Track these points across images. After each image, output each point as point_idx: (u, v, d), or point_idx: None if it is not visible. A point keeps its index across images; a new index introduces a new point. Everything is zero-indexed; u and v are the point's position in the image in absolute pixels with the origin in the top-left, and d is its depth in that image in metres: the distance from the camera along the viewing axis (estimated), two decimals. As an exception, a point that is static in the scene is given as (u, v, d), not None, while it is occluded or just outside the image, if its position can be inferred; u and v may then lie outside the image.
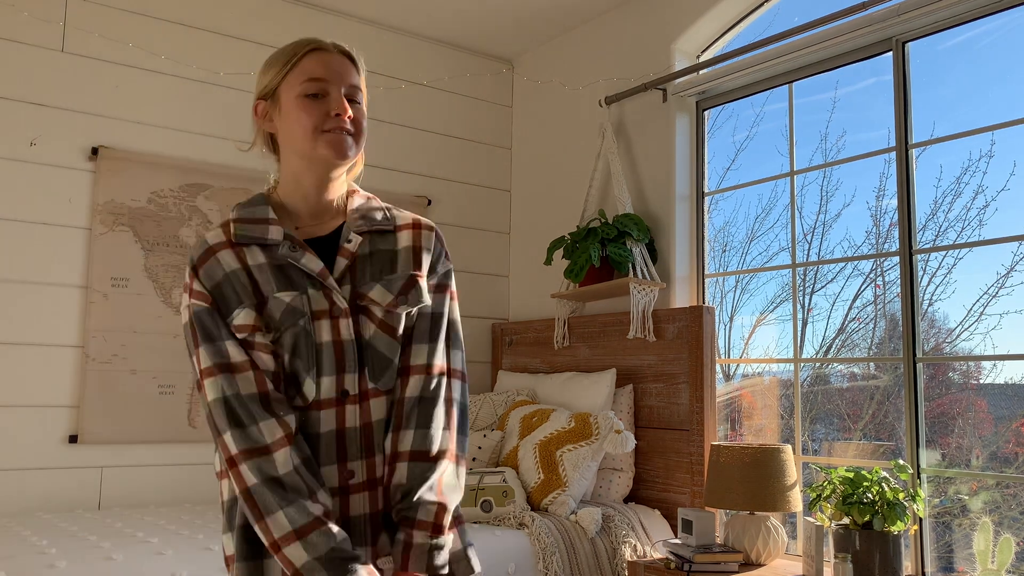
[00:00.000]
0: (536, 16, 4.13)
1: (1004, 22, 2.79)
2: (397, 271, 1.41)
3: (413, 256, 1.44)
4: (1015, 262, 2.70)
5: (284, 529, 1.23)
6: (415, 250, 1.44)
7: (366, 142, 1.47)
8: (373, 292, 1.38)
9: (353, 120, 1.41)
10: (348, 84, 1.42)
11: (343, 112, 1.39)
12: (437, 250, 1.47)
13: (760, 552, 2.79)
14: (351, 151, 1.42)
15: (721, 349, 3.55)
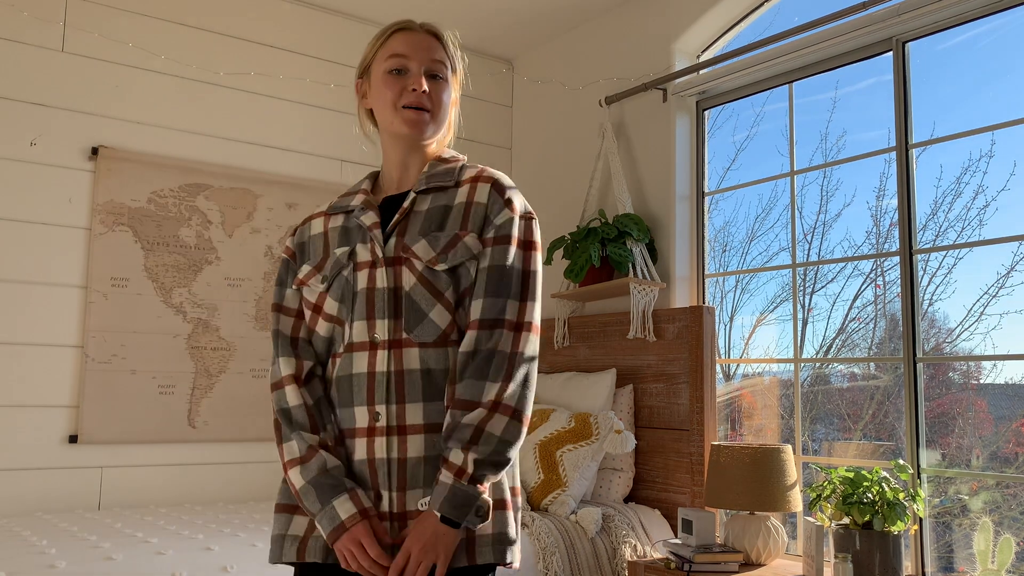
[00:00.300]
0: (536, 16, 4.13)
1: (1004, 22, 2.79)
2: (446, 228, 1.45)
3: (464, 213, 1.46)
4: (1015, 262, 2.70)
5: (291, 455, 1.43)
6: (467, 206, 1.47)
7: (441, 125, 1.56)
8: (417, 246, 1.43)
9: (430, 95, 1.49)
10: (430, 60, 1.51)
11: (419, 87, 1.48)
12: (493, 201, 1.47)
13: (760, 552, 2.79)
14: (428, 128, 1.50)
15: (721, 349, 3.55)
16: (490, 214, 1.46)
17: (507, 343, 1.41)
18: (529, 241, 1.47)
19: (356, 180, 4.07)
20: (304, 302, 1.53)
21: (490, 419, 1.36)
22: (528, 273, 1.45)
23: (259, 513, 3.14)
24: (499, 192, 1.48)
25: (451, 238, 1.44)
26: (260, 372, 3.71)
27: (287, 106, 3.91)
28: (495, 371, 1.39)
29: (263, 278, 3.75)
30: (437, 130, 1.53)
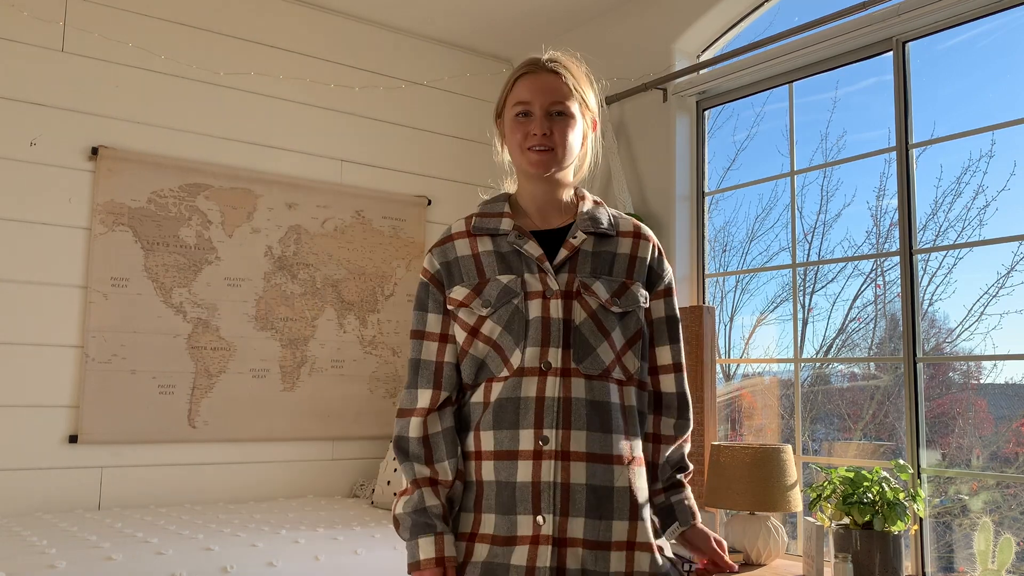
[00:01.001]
0: (536, 16, 4.13)
1: (1004, 22, 2.79)
2: (613, 274, 1.58)
3: (629, 264, 1.60)
4: (1015, 262, 2.70)
5: (400, 484, 1.58)
6: (631, 258, 1.61)
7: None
8: (596, 285, 1.55)
9: (553, 136, 1.58)
10: (552, 101, 1.59)
11: (538, 131, 1.57)
12: (655, 258, 1.64)
13: (760, 552, 2.79)
14: (552, 165, 1.59)
15: (721, 349, 3.55)
16: (657, 269, 1.64)
17: (686, 385, 1.67)
18: (675, 290, 1.70)
19: (355, 180, 4.07)
20: (459, 323, 1.58)
21: (686, 448, 1.67)
22: (680, 320, 1.70)
23: (259, 513, 3.14)
24: (660, 252, 1.67)
25: (620, 284, 1.57)
26: (260, 372, 3.71)
27: (287, 106, 3.91)
28: (683, 406, 1.65)
29: (263, 278, 3.75)
30: (563, 165, 1.61)
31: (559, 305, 1.53)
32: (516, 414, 1.49)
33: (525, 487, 1.46)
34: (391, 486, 3.39)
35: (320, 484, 3.84)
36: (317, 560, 2.48)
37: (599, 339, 1.52)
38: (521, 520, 1.45)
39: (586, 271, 1.56)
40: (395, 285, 4.13)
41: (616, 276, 1.58)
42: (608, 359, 1.52)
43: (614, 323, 1.54)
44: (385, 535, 2.75)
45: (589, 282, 1.55)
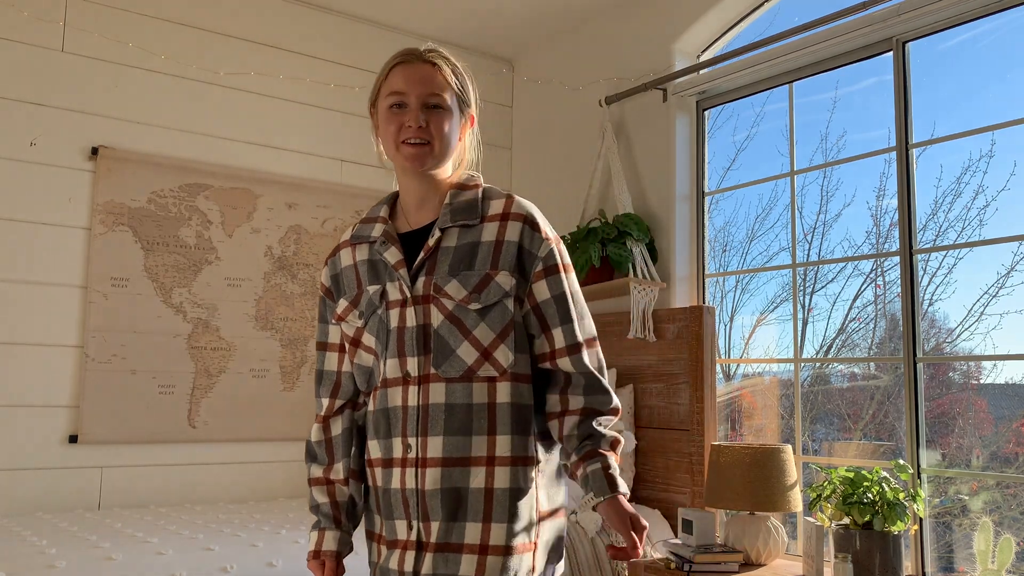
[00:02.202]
0: (536, 16, 4.13)
1: (1004, 22, 2.79)
2: (475, 267, 1.49)
3: (494, 251, 1.50)
4: (1015, 262, 2.70)
5: (309, 477, 1.62)
6: (497, 245, 1.50)
7: (445, 145, 1.56)
8: (449, 287, 1.48)
9: (429, 128, 1.51)
10: (428, 92, 1.52)
11: (414, 123, 1.50)
12: (527, 237, 1.52)
13: (760, 552, 2.79)
14: (429, 160, 1.52)
15: (721, 349, 3.55)
16: (529, 248, 1.51)
17: (590, 363, 1.53)
18: (566, 264, 1.56)
19: (355, 180, 4.07)
20: (344, 335, 1.60)
21: (609, 422, 1.54)
22: (575, 293, 1.56)
23: (259, 513, 3.14)
24: (532, 227, 1.53)
25: (482, 277, 1.48)
26: (260, 372, 3.71)
27: (287, 106, 3.91)
28: (590, 384, 1.52)
29: (263, 278, 3.75)
30: (441, 159, 1.54)
31: (415, 312, 1.49)
32: (388, 424, 1.51)
33: (397, 494, 1.49)
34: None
35: (320, 484, 3.83)
36: (317, 560, 2.47)
37: (459, 340, 1.47)
38: (399, 525, 1.50)
39: (443, 271, 1.49)
40: (395, 285, 4.13)
41: (479, 268, 1.49)
42: (471, 359, 1.47)
43: (475, 321, 1.47)
44: (385, 535, 2.75)
45: (443, 283, 1.49)
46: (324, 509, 1.58)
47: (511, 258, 1.50)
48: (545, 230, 1.54)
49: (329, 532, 1.57)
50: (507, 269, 1.49)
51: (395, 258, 1.53)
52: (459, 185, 1.58)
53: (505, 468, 1.46)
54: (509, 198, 1.56)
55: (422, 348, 1.48)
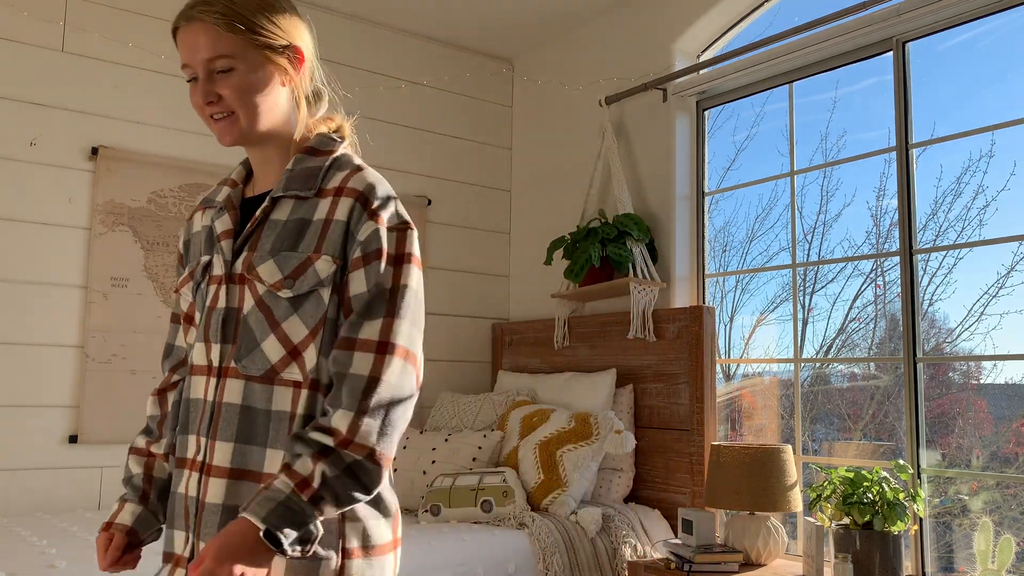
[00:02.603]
0: (536, 16, 4.13)
1: (1004, 22, 2.79)
2: (299, 247, 1.26)
3: (321, 231, 1.26)
4: (1015, 262, 2.70)
5: (130, 447, 1.45)
6: (325, 224, 1.26)
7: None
8: (263, 267, 1.26)
9: (223, 100, 1.27)
10: (208, 58, 1.25)
11: (202, 99, 1.27)
12: (355, 216, 1.25)
13: (760, 552, 2.79)
14: (236, 132, 1.29)
15: (721, 349, 3.55)
16: (354, 229, 1.25)
17: (364, 366, 1.19)
18: (400, 255, 1.26)
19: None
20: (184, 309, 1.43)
21: (340, 455, 1.15)
22: (396, 289, 1.24)
23: (259, 513, 3.14)
24: (364, 205, 1.26)
25: (302, 262, 1.24)
26: (260, 372, 3.71)
27: (287, 106, 3.91)
28: (349, 398, 1.18)
29: (263, 278, 3.75)
30: (255, 125, 1.29)
31: (227, 292, 1.28)
32: (187, 417, 1.31)
33: (181, 500, 1.28)
34: (391, 486, 3.39)
35: (320, 484, 3.83)
36: (317, 560, 2.47)
37: (265, 332, 1.24)
38: (177, 537, 1.28)
39: (265, 248, 1.26)
40: (395, 285, 4.13)
41: (302, 250, 1.25)
42: (276, 357, 1.23)
43: (286, 311, 1.24)
44: (385, 535, 2.75)
45: (258, 262, 1.25)
46: (135, 480, 1.38)
47: (337, 241, 1.25)
48: (381, 212, 1.26)
49: (130, 505, 1.36)
50: (330, 254, 1.24)
51: (223, 227, 1.32)
52: (309, 149, 1.34)
53: None
54: (355, 170, 1.30)
55: (226, 335, 1.27)
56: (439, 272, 4.32)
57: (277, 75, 1.31)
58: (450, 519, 3.04)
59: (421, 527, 2.90)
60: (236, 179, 1.40)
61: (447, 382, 4.27)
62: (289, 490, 1.13)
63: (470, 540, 2.77)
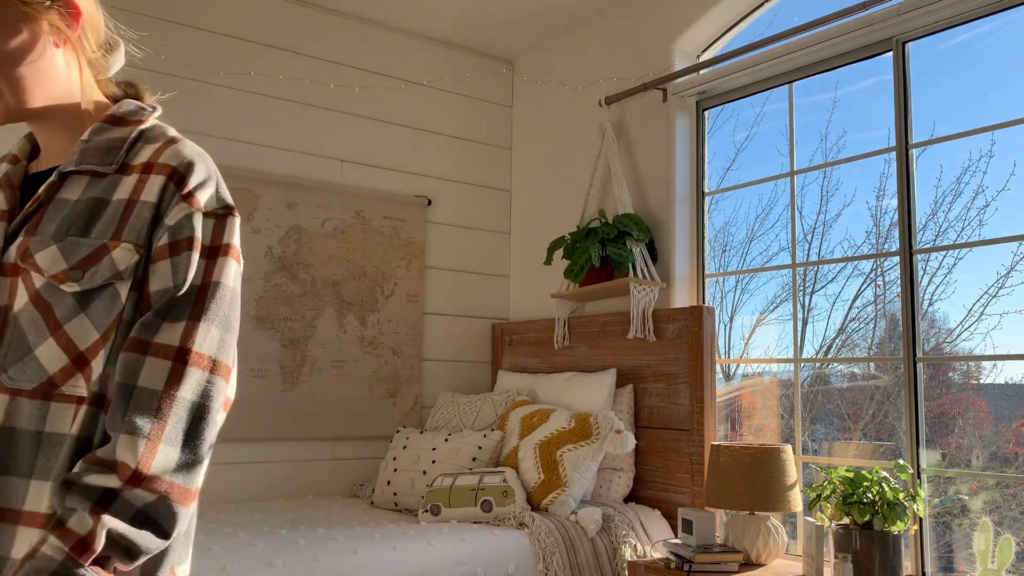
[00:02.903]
0: (536, 16, 4.13)
1: (1004, 22, 2.79)
2: (91, 232, 1.03)
3: (122, 215, 1.03)
4: (1015, 262, 2.70)
5: None
6: (129, 205, 1.04)
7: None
8: (42, 254, 1.01)
9: None
10: None
11: None
12: (169, 198, 1.04)
13: (760, 552, 2.79)
14: (3, 110, 1.08)
15: (721, 349, 3.55)
16: (164, 212, 1.04)
17: (158, 377, 0.97)
18: (217, 246, 1.05)
19: (355, 180, 4.07)
20: None
21: (127, 499, 0.93)
22: (207, 286, 1.02)
23: (259, 513, 3.14)
24: (178, 184, 1.05)
25: (95, 249, 1.01)
26: (260, 372, 3.71)
27: (287, 106, 3.91)
28: (138, 419, 0.95)
29: (263, 278, 3.75)
30: (25, 97, 1.06)
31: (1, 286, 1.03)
32: None
33: None
34: (391, 486, 3.39)
35: (320, 484, 3.84)
36: (317, 560, 2.48)
37: (42, 335, 0.99)
38: None
39: (48, 231, 1.02)
40: (395, 285, 4.13)
41: (96, 236, 1.02)
42: (56, 366, 0.99)
43: (71, 310, 1.00)
44: (385, 535, 2.75)
45: (36, 248, 1.01)
46: None
47: (141, 226, 1.03)
48: (197, 193, 1.06)
49: None
50: (132, 241, 1.03)
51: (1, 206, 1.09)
52: (111, 119, 1.13)
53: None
54: (168, 142, 1.10)
55: None
56: (439, 272, 4.32)
57: (45, 36, 1.07)
58: (450, 519, 3.04)
59: (421, 527, 2.90)
60: (18, 154, 1.16)
61: (447, 382, 4.27)
62: (63, 556, 0.89)
63: (470, 540, 2.77)
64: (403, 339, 4.12)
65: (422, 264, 4.24)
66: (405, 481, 3.35)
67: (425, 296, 4.24)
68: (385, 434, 4.00)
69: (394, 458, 3.49)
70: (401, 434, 3.64)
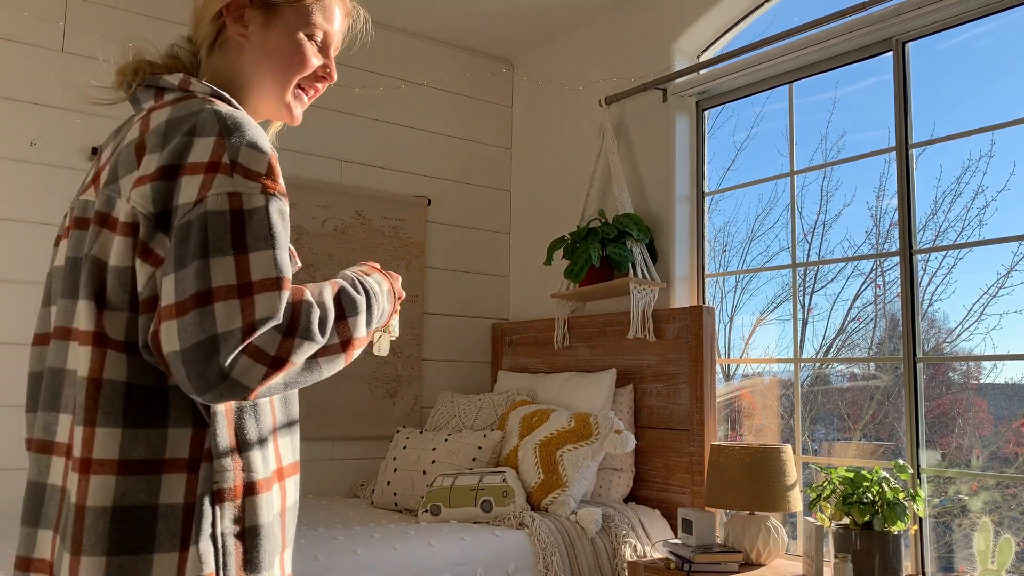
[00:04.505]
0: (536, 16, 4.13)
1: (1004, 22, 2.79)
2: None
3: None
4: (1015, 262, 2.70)
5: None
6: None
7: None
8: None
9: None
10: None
11: (331, 74, 1.36)
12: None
13: (760, 552, 2.79)
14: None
15: (721, 349, 3.55)
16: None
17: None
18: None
19: (355, 180, 4.06)
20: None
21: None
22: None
23: (259, 513, 3.14)
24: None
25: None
26: (260, 372, 3.71)
27: (287, 106, 3.91)
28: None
29: (263, 278, 3.75)
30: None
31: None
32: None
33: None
34: (391, 486, 3.39)
35: (320, 484, 3.84)
36: (317, 560, 2.48)
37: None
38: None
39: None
40: (395, 285, 4.13)
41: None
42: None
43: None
44: (385, 535, 2.75)
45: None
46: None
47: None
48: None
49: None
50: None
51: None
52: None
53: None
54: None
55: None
56: (439, 272, 4.32)
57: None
58: (450, 519, 3.04)
59: (421, 527, 2.90)
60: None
61: (447, 382, 4.27)
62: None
63: (470, 540, 2.77)
64: (403, 339, 4.12)
65: (422, 264, 4.24)
66: (405, 481, 3.35)
67: (425, 296, 4.24)
68: (385, 434, 4.00)
69: (394, 458, 3.49)
70: (401, 434, 3.64)
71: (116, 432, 0.97)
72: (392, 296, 1.20)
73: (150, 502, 0.97)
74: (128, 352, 1.00)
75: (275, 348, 0.94)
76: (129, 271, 1.00)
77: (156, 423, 0.99)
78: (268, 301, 0.93)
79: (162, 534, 0.97)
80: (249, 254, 0.95)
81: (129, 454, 0.97)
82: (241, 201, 0.97)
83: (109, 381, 0.98)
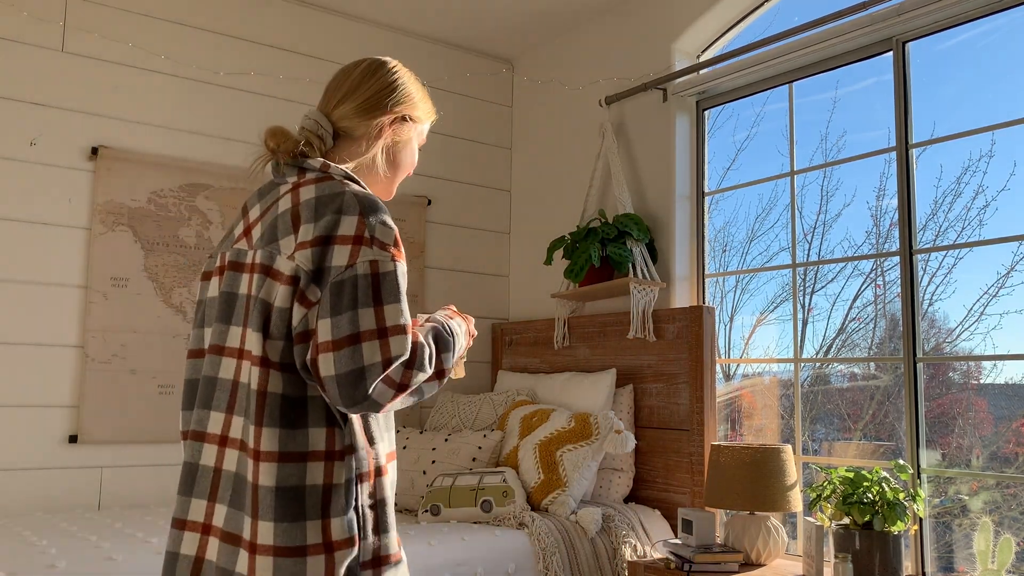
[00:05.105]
0: (536, 16, 4.13)
1: (1004, 22, 2.79)
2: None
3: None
4: (1015, 262, 2.70)
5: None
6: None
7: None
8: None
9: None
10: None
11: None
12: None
13: (760, 552, 2.79)
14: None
15: (721, 349, 3.55)
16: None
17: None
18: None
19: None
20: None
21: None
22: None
23: (259, 513, 3.14)
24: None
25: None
26: (260, 372, 3.71)
27: (287, 106, 3.91)
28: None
29: (263, 278, 3.75)
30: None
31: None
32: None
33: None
34: (391, 486, 3.39)
35: (320, 484, 3.83)
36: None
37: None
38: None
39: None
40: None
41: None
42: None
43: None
44: (385, 535, 2.75)
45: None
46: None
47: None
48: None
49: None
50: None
51: None
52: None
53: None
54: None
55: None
56: (439, 272, 4.32)
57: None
58: (450, 519, 3.04)
59: (421, 527, 2.90)
60: None
61: (447, 382, 4.27)
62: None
63: (470, 540, 2.77)
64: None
65: (422, 264, 4.24)
66: (405, 481, 3.35)
67: (425, 296, 4.24)
68: (385, 434, 4.00)
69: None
70: (401, 434, 3.64)
71: (276, 431, 1.28)
72: (467, 335, 1.60)
73: (300, 483, 1.28)
74: (283, 371, 1.31)
75: (400, 376, 1.28)
76: (288, 311, 1.31)
77: (301, 424, 1.31)
78: (399, 342, 1.28)
79: (310, 507, 1.28)
80: (384, 306, 1.29)
81: (285, 447, 1.28)
82: (378, 267, 1.31)
83: (271, 393, 1.29)
